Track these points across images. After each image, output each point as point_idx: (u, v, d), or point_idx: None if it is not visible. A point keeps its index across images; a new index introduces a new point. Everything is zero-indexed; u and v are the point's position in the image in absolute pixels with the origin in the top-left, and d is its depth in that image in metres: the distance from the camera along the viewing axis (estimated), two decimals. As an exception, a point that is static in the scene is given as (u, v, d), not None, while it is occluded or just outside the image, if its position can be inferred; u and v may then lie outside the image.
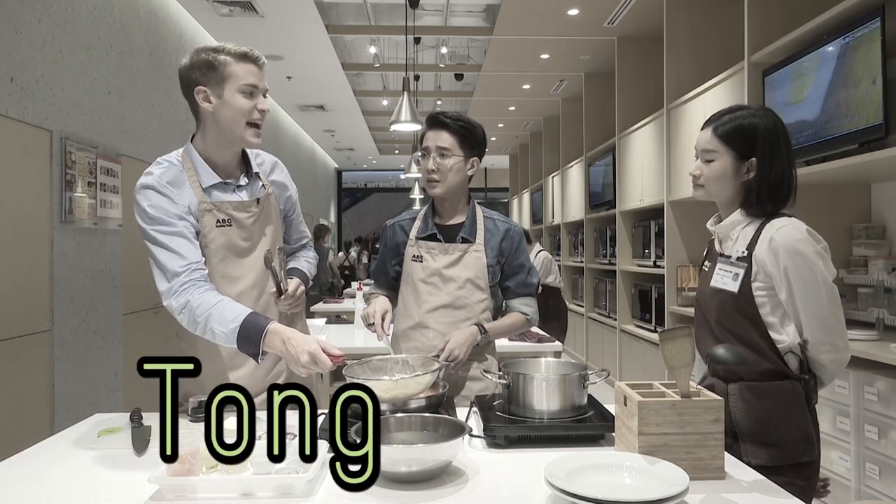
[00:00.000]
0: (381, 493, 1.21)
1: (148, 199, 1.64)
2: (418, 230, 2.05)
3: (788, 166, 1.61)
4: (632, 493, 1.16)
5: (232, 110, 1.65)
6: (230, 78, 1.64)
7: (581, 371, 1.60)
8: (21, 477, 1.32)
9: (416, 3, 5.35)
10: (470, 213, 2.06)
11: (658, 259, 5.06)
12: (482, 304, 2.01)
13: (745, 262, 1.59)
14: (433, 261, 2.00)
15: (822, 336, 1.56)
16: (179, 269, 1.60)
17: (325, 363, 1.48)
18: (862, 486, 2.69)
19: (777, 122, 1.62)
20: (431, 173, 1.98)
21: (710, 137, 1.64)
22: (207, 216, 1.69)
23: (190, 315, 1.58)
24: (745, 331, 1.58)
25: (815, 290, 1.53)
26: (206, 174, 1.71)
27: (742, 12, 3.61)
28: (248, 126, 1.67)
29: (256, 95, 1.67)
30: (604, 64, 6.80)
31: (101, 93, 4.20)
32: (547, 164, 9.36)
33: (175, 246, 1.62)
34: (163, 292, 1.62)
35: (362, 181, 17.88)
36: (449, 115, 2.00)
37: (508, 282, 2.07)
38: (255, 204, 1.77)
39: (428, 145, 2.00)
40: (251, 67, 1.66)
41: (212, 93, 1.65)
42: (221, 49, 1.65)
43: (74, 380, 3.82)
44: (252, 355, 1.56)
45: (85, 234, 3.96)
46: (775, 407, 1.53)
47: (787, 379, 1.55)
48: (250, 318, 1.55)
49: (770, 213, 1.61)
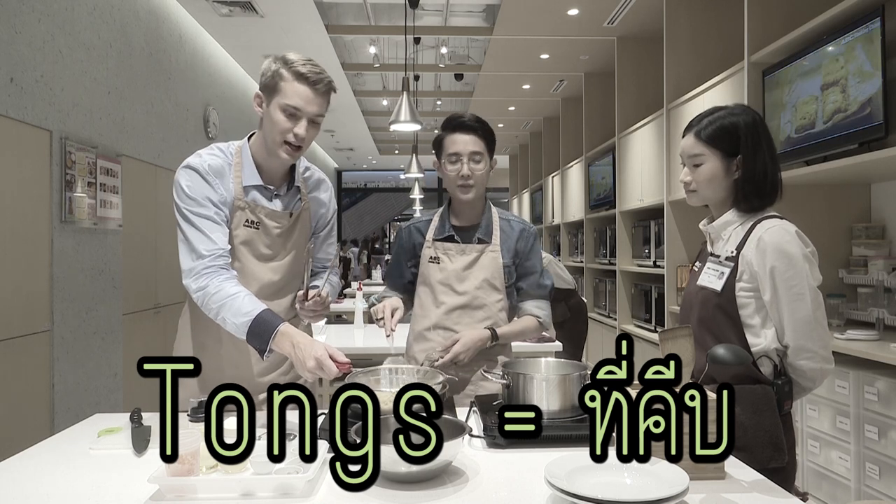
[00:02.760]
0: (381, 493, 1.21)
1: (189, 178, 1.67)
2: (435, 231, 2.05)
3: (771, 161, 1.61)
4: (632, 493, 1.16)
5: (271, 124, 1.66)
6: (278, 93, 1.64)
7: (581, 371, 1.60)
8: (21, 477, 1.32)
9: (416, 3, 5.35)
10: (486, 214, 2.06)
11: (658, 259, 5.06)
12: (499, 304, 2.01)
13: (733, 261, 1.58)
14: (450, 262, 2.00)
15: (803, 342, 1.53)
16: (206, 251, 1.62)
17: (330, 370, 1.48)
18: (862, 486, 2.69)
19: (756, 118, 1.62)
20: (467, 179, 1.96)
21: (695, 142, 1.63)
22: (239, 213, 1.72)
23: (205, 299, 1.61)
24: (723, 331, 1.57)
25: (800, 292, 1.52)
26: (250, 173, 1.74)
27: (742, 12, 3.61)
28: (284, 143, 1.67)
29: (298, 118, 1.65)
30: (604, 64, 6.80)
31: (100, 93, 4.20)
32: (547, 164, 9.36)
33: (205, 228, 1.64)
34: (185, 270, 1.64)
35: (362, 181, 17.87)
36: (471, 117, 1.99)
37: (521, 282, 2.07)
38: (289, 217, 1.78)
39: (458, 150, 1.96)
40: (303, 89, 1.64)
41: (264, 100, 1.68)
42: (289, 62, 1.65)
43: (74, 380, 3.82)
44: (258, 350, 1.57)
45: (85, 234, 3.96)
46: (745, 411, 1.50)
47: (759, 383, 1.54)
48: (264, 314, 1.57)
49: (758, 208, 1.60)
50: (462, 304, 1.99)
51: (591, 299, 7.12)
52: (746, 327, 1.56)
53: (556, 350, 3.58)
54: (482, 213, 2.05)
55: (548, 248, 9.23)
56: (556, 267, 5.76)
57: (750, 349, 1.54)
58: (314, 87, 1.65)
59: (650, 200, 5.18)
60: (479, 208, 2.05)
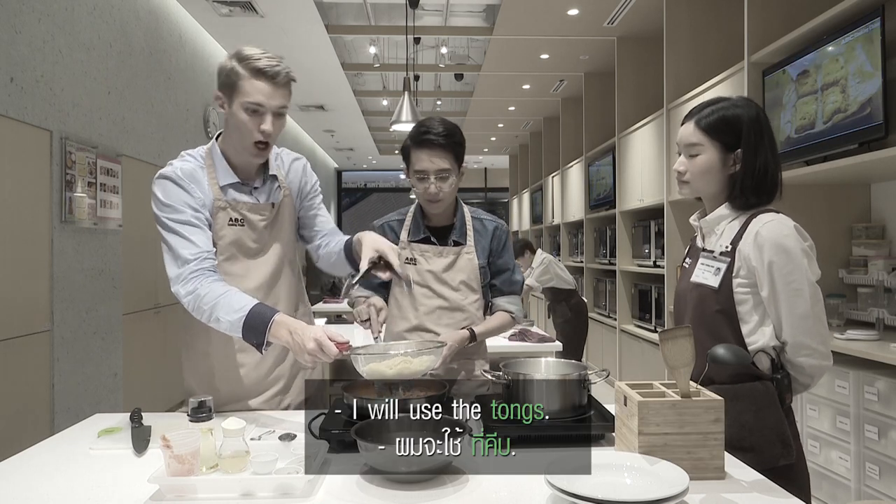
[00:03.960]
0: (381, 493, 1.21)
1: (162, 187, 1.67)
2: (410, 233, 2.04)
3: (773, 157, 1.55)
4: (632, 493, 1.16)
5: (237, 125, 1.65)
6: (239, 92, 1.62)
7: (581, 371, 1.60)
8: (21, 477, 1.32)
9: (416, 3, 5.35)
10: (459, 214, 2.06)
11: (658, 259, 5.06)
12: (476, 304, 2.03)
13: (728, 256, 1.53)
14: (427, 263, 2.00)
15: (802, 338, 1.49)
16: (191, 256, 1.61)
17: (330, 350, 1.48)
18: (862, 486, 2.69)
19: (759, 113, 1.57)
20: (435, 195, 1.94)
21: (694, 130, 1.57)
22: (221, 214, 1.71)
23: (196, 302, 1.58)
24: (720, 328, 1.53)
25: (799, 288, 1.47)
26: (225, 173, 1.73)
27: (742, 12, 3.61)
28: (254, 145, 1.66)
29: (262, 115, 1.63)
30: (604, 64, 6.80)
31: (100, 93, 4.20)
32: (547, 164, 9.36)
33: (187, 233, 1.63)
34: (172, 278, 1.63)
35: (362, 181, 17.86)
36: (439, 131, 1.92)
37: (495, 280, 2.08)
38: (271, 208, 1.77)
39: (425, 168, 1.92)
40: (262, 85, 1.61)
41: (225, 100, 1.67)
42: (245, 59, 1.62)
43: (74, 380, 3.82)
44: (256, 345, 1.56)
45: (85, 234, 3.96)
46: (747, 409, 1.46)
47: (759, 380, 1.49)
48: (257, 308, 1.56)
49: (754, 205, 1.55)
50: (442, 305, 1.99)
51: (591, 299, 7.12)
52: (743, 324, 1.52)
53: (557, 350, 3.58)
54: (454, 214, 2.06)
55: (548, 248, 9.23)
56: (556, 267, 5.75)
57: (747, 347, 1.51)
58: (273, 80, 1.63)
59: (650, 200, 5.18)
60: (451, 209, 2.06)
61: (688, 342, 1.33)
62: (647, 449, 1.27)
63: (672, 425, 1.27)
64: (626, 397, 1.35)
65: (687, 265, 1.70)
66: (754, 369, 1.51)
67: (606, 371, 1.70)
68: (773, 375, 1.51)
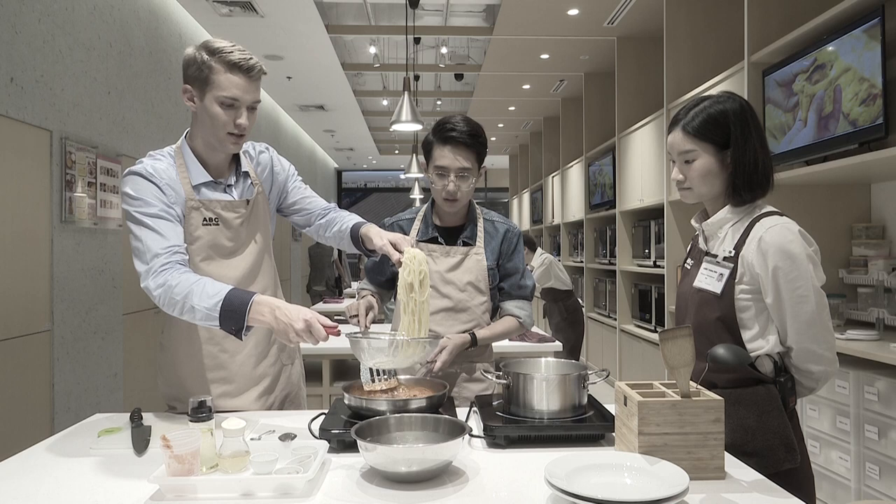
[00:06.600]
0: (381, 493, 1.21)
1: (133, 182, 1.63)
2: (419, 232, 2.04)
3: (762, 149, 1.52)
4: (632, 493, 1.16)
5: (211, 119, 1.63)
6: (212, 86, 1.60)
7: (581, 371, 1.60)
8: (21, 477, 1.32)
9: (416, 3, 5.35)
10: (471, 216, 2.05)
11: (658, 259, 5.06)
12: (483, 307, 2.01)
13: (732, 262, 1.51)
14: (434, 264, 1.99)
15: (808, 345, 1.48)
16: (160, 250, 1.55)
17: (320, 332, 1.44)
18: (862, 486, 2.69)
19: (744, 105, 1.54)
20: (453, 194, 1.94)
21: (683, 137, 1.54)
22: (195, 214, 1.68)
23: (167, 294, 1.52)
24: (721, 335, 1.50)
25: (805, 294, 1.45)
26: (197, 171, 1.70)
27: (742, 12, 3.61)
28: (228, 135, 1.64)
29: (238, 108, 1.62)
30: (604, 64, 6.80)
31: (100, 93, 4.20)
32: (547, 164, 9.36)
33: (157, 227, 1.58)
34: (141, 273, 1.57)
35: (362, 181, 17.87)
36: (464, 129, 1.92)
37: (503, 283, 2.06)
38: (245, 205, 1.75)
39: (446, 165, 1.92)
40: (238, 79, 1.60)
41: (195, 94, 1.64)
42: (216, 51, 1.60)
43: (74, 380, 3.82)
44: (235, 332, 1.49)
45: (85, 234, 3.96)
46: (750, 414, 1.45)
47: (761, 384, 1.48)
48: (234, 291, 1.51)
49: (749, 201, 1.53)
50: (447, 306, 1.98)
51: (591, 299, 7.12)
52: (745, 330, 1.51)
53: (556, 350, 3.58)
54: (466, 215, 2.05)
55: (548, 248, 9.24)
56: (556, 268, 5.76)
57: (748, 354, 1.49)
58: (248, 75, 1.62)
59: (650, 200, 5.19)
60: (464, 211, 2.05)
61: (688, 342, 1.33)
62: (647, 449, 1.27)
63: (672, 425, 1.27)
64: (626, 397, 1.35)
65: (689, 266, 1.69)
66: (756, 373, 1.49)
67: (606, 371, 1.70)
68: (775, 379, 1.49)
